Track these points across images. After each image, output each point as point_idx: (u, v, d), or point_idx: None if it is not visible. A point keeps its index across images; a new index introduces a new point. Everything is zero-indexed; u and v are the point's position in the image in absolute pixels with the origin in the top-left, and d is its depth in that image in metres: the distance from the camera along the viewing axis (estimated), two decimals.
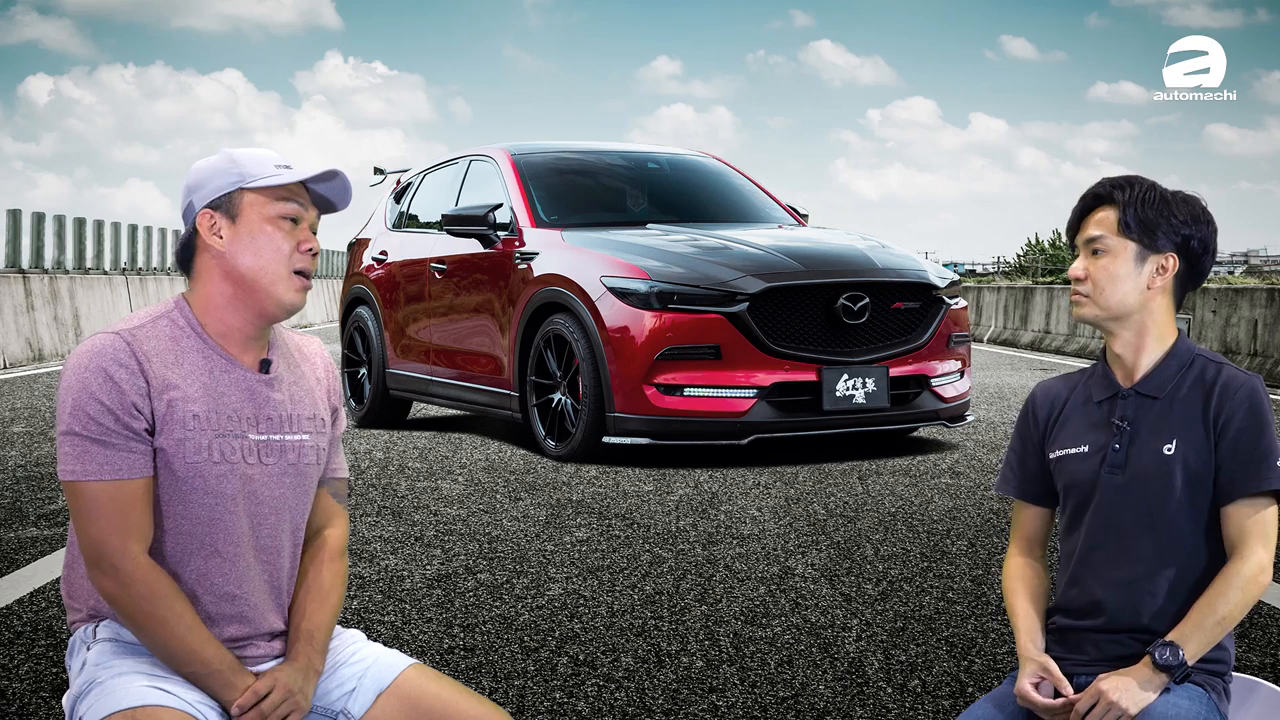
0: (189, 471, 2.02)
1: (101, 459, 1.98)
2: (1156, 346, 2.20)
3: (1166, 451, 2.14)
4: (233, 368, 2.09)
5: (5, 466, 6.94)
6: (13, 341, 14.68)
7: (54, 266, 18.87)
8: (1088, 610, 2.18)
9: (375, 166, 10.31)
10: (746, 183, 9.23)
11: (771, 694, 3.31)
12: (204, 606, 2.05)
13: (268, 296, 2.08)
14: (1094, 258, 2.20)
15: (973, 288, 21.84)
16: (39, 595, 4.23)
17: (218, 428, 2.05)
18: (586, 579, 4.47)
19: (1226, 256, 65.15)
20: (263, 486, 2.09)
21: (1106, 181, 2.23)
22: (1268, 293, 12.86)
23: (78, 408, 1.98)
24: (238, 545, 2.07)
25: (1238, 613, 2.08)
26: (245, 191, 2.08)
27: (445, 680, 2.15)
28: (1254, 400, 2.13)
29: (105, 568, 1.98)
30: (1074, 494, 2.23)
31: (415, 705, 2.09)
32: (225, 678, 2.00)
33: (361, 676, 2.13)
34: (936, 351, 7.41)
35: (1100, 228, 2.19)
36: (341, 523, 2.25)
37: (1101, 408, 2.23)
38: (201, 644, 1.99)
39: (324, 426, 2.19)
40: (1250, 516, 2.10)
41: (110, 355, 2.00)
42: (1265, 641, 3.76)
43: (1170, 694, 2.05)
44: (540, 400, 7.49)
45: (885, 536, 5.16)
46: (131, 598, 1.98)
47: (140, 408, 1.99)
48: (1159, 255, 2.17)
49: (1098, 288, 2.19)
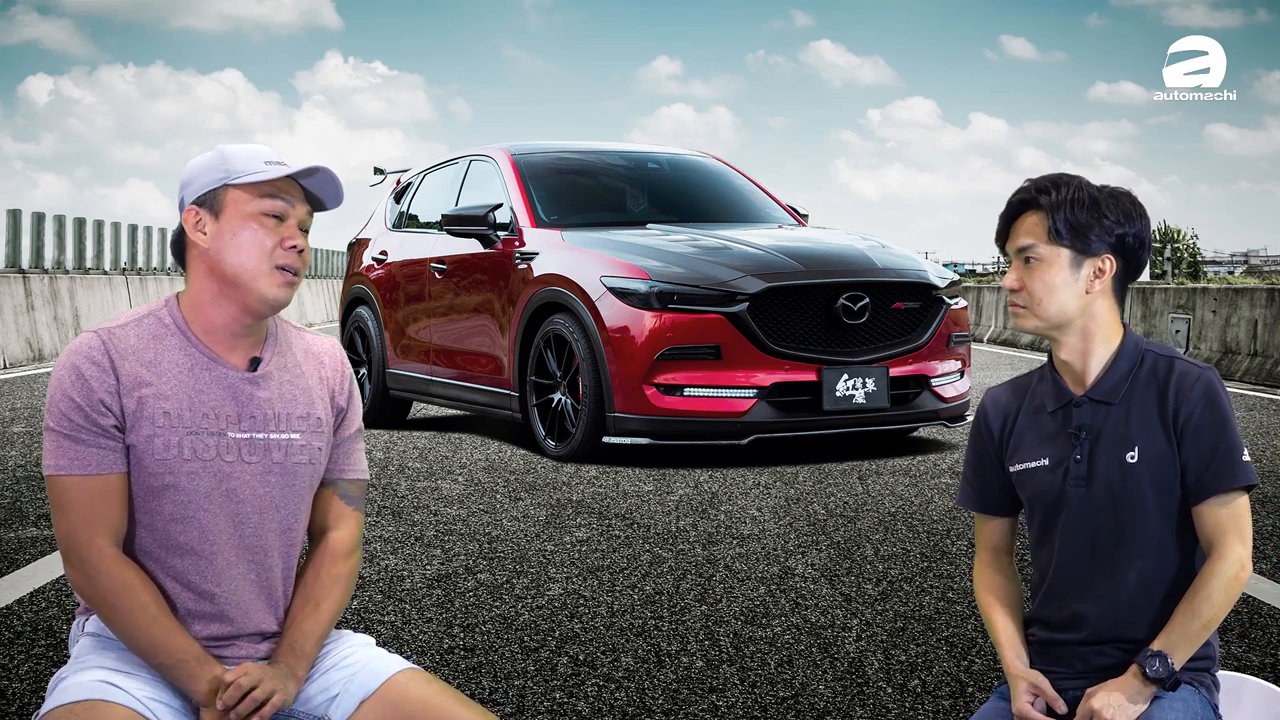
0: (159, 468, 2.04)
1: (72, 454, 2.01)
2: (1103, 349, 2.15)
3: (1130, 460, 2.09)
4: (215, 365, 2.10)
5: (5, 466, 6.94)
6: (13, 341, 14.68)
7: (54, 266, 18.87)
8: (1068, 624, 2.15)
9: (375, 166, 10.32)
10: (746, 183, 9.24)
11: (771, 694, 3.31)
12: (182, 603, 2.06)
13: (250, 292, 2.09)
14: (1027, 267, 2.11)
15: (973, 288, 21.84)
16: (39, 595, 4.23)
17: (190, 425, 2.05)
18: (586, 579, 4.47)
19: (1226, 256, 65.13)
20: (244, 485, 2.09)
21: (1032, 185, 2.13)
22: (1268, 293, 12.86)
23: (53, 404, 2.03)
24: (214, 543, 2.07)
25: (1222, 612, 2.04)
26: (230, 188, 2.09)
27: (437, 685, 2.10)
28: (1210, 395, 2.07)
29: (73, 560, 2.02)
30: (1040, 507, 2.18)
31: (399, 711, 2.05)
32: (190, 668, 2.00)
33: (348, 682, 2.10)
34: (936, 351, 7.41)
35: (1030, 236, 2.11)
36: (348, 525, 2.22)
37: (1055, 417, 2.17)
38: (166, 635, 2.00)
39: (320, 426, 2.17)
40: (1222, 512, 2.05)
41: (84, 353, 2.04)
42: (1265, 641, 3.76)
43: (1164, 698, 2.03)
44: (540, 400, 7.49)
45: (885, 536, 5.16)
46: (97, 589, 2.01)
47: (109, 404, 2.02)
48: (1094, 259, 2.10)
49: (1034, 299, 2.11)
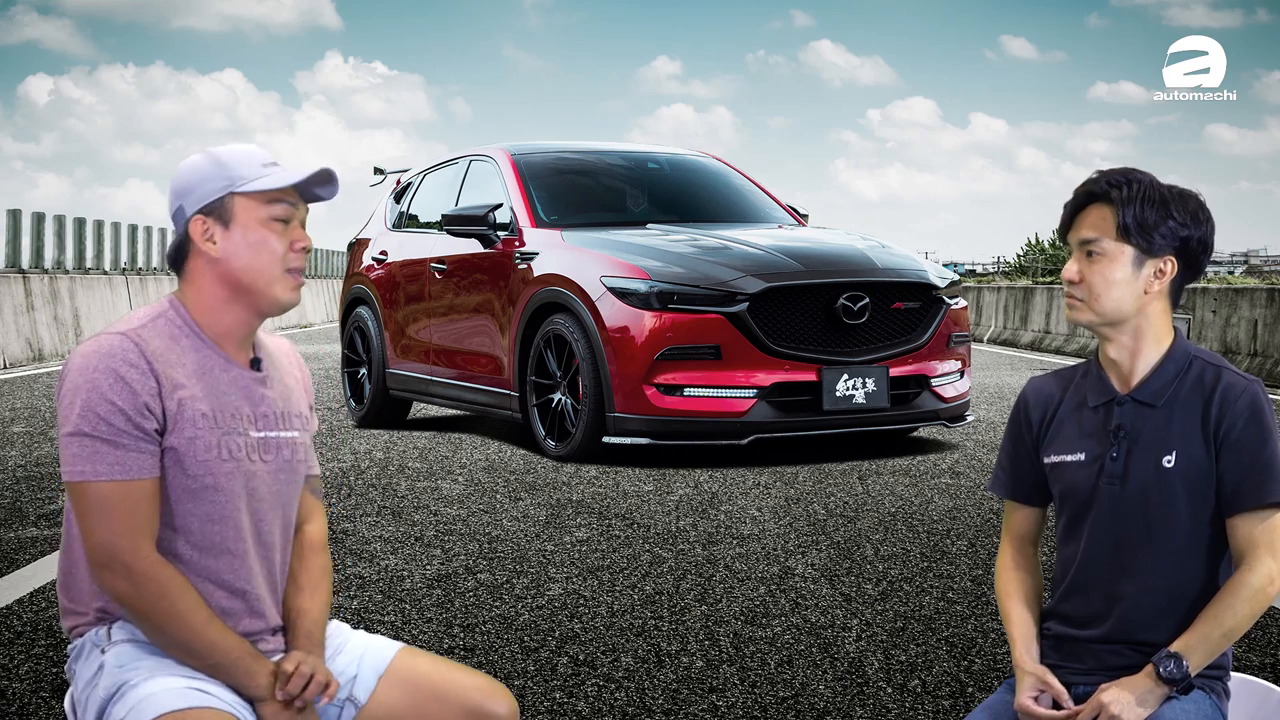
0: (200, 469, 2.04)
1: (112, 459, 1.98)
2: (1153, 350, 2.13)
3: (1166, 464, 2.08)
4: (230, 366, 2.12)
5: (5, 466, 6.94)
6: (13, 341, 14.68)
7: (54, 266, 18.87)
8: (1087, 620, 2.14)
9: (375, 166, 10.31)
10: (746, 183, 9.23)
11: (771, 694, 3.31)
12: (217, 603, 2.07)
13: (263, 297, 2.11)
14: (1089, 260, 2.10)
15: (973, 288, 21.84)
16: (39, 595, 4.23)
17: (223, 426, 2.07)
18: (586, 579, 4.47)
19: (1226, 256, 65.13)
20: (261, 483, 2.12)
21: (1103, 178, 2.11)
22: (1268, 293, 12.86)
23: (87, 409, 1.98)
24: (244, 542, 2.09)
25: (1245, 624, 2.03)
26: (236, 196, 2.09)
27: (435, 658, 2.24)
28: (1255, 408, 2.06)
29: (117, 568, 1.98)
30: (1071, 502, 2.18)
31: (416, 684, 2.17)
32: (247, 664, 2.02)
33: (360, 663, 2.18)
34: (936, 351, 7.41)
35: (1096, 230, 2.09)
36: (320, 517, 2.31)
37: (1097, 413, 2.16)
38: (221, 635, 2.02)
39: (308, 423, 2.24)
40: (1257, 527, 2.04)
41: (121, 356, 2.01)
42: (1265, 641, 3.76)
43: (1174, 700, 2.02)
44: (540, 400, 7.49)
45: (885, 536, 5.16)
46: (145, 596, 1.98)
47: (152, 408, 2.01)
48: (1157, 259, 2.08)
49: (1093, 293, 2.10)
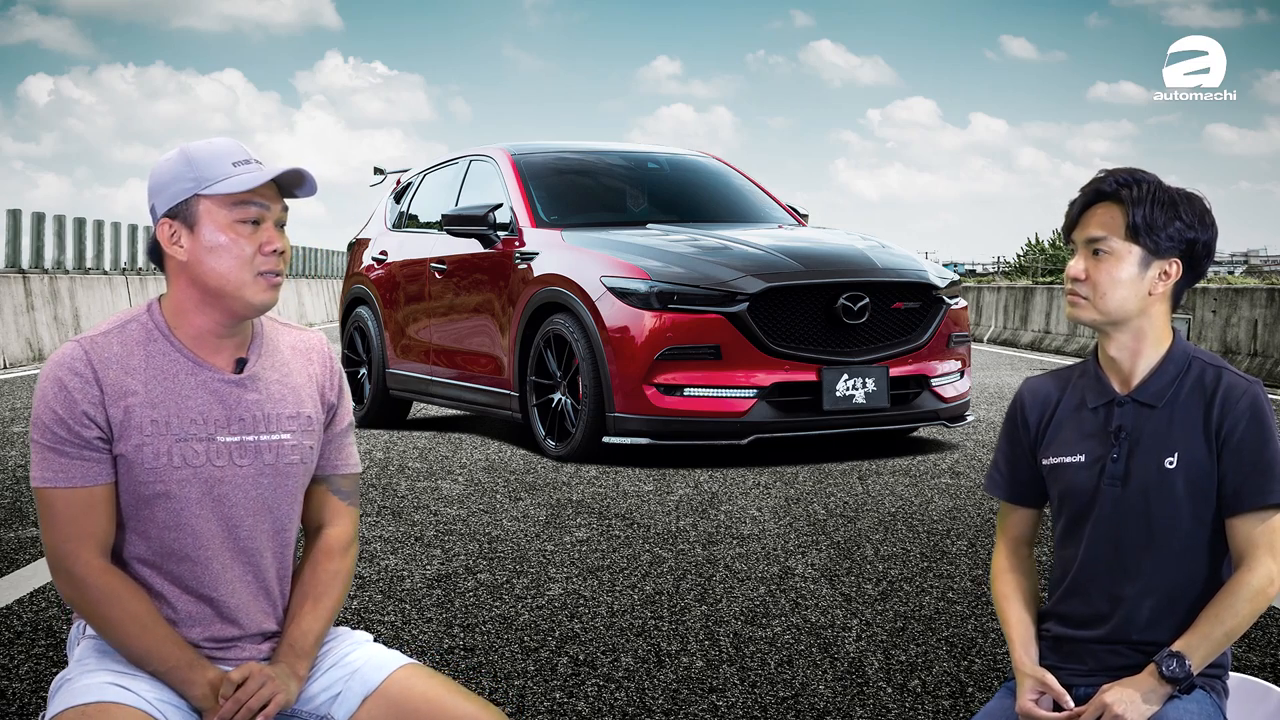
0: (149, 476, 2.02)
1: (57, 466, 1.99)
2: (1153, 351, 2.13)
3: (1168, 465, 2.08)
4: (200, 370, 2.06)
5: (5, 466, 6.94)
6: (13, 341, 14.68)
7: (54, 266, 18.87)
8: (1087, 621, 2.14)
9: (375, 166, 10.31)
10: (746, 183, 9.24)
11: (771, 694, 3.31)
12: (183, 607, 2.05)
13: (235, 300, 2.04)
14: (1095, 259, 2.09)
15: (973, 288, 21.85)
16: (39, 595, 4.23)
17: (179, 432, 2.03)
18: (586, 579, 4.47)
19: (1226, 256, 65.13)
20: (235, 489, 2.07)
21: (1110, 177, 2.11)
22: (1268, 293, 12.86)
23: (36, 416, 2.01)
24: (208, 548, 2.05)
25: (1245, 624, 2.03)
26: (201, 198, 2.02)
27: (438, 679, 2.10)
28: (1256, 409, 2.06)
29: (60, 572, 2.01)
30: (1070, 503, 2.17)
31: (401, 707, 2.05)
32: (183, 674, 1.99)
33: (349, 680, 2.09)
34: (936, 351, 7.41)
35: (1104, 228, 2.09)
36: (344, 520, 2.21)
37: (1097, 414, 2.15)
38: (157, 643, 1.99)
39: (311, 424, 2.14)
40: (1257, 528, 2.04)
41: (67, 365, 2.00)
42: (1265, 641, 3.76)
43: (1176, 699, 2.03)
44: (540, 400, 7.49)
45: (885, 536, 5.16)
46: (85, 601, 2.00)
47: (92, 416, 1.99)
48: (1163, 260, 2.08)
49: (1098, 291, 2.09)
